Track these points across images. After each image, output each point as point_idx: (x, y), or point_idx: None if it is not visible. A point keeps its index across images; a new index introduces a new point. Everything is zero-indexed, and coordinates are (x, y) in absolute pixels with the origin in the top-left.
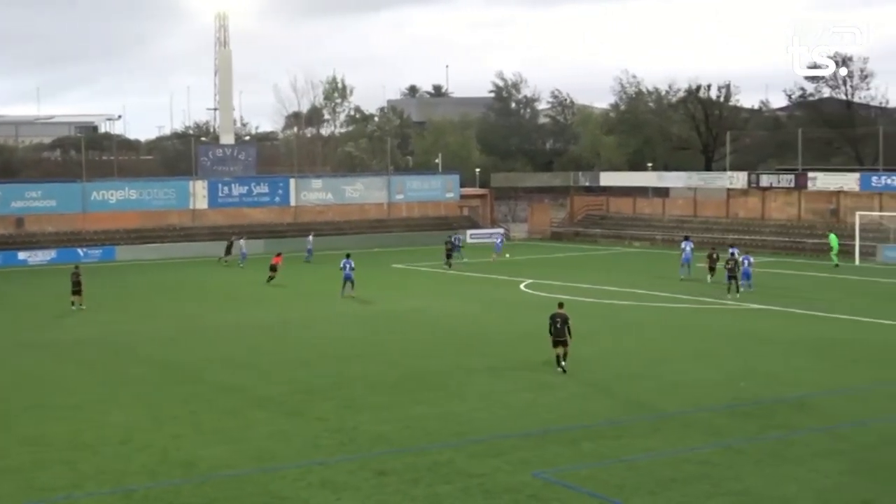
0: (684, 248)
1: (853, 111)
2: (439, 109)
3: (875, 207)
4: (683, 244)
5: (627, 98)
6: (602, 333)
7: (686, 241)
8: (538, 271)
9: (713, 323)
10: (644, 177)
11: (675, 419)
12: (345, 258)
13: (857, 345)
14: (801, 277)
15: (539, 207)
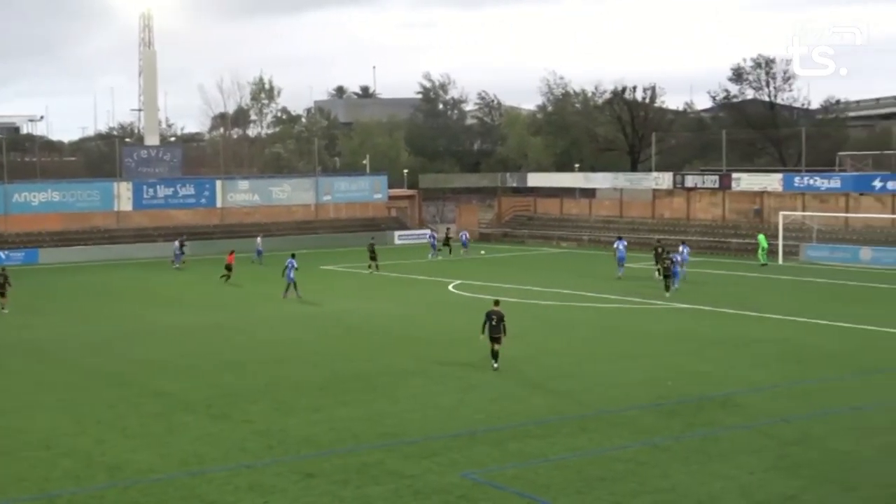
0: (617, 246)
1: (776, 113)
2: (367, 111)
3: (798, 207)
4: (616, 243)
5: (554, 99)
6: (530, 333)
7: (619, 240)
8: (466, 272)
9: (640, 323)
10: (571, 178)
11: (602, 418)
12: (289, 258)
13: (780, 343)
14: (727, 277)
15: (467, 208)
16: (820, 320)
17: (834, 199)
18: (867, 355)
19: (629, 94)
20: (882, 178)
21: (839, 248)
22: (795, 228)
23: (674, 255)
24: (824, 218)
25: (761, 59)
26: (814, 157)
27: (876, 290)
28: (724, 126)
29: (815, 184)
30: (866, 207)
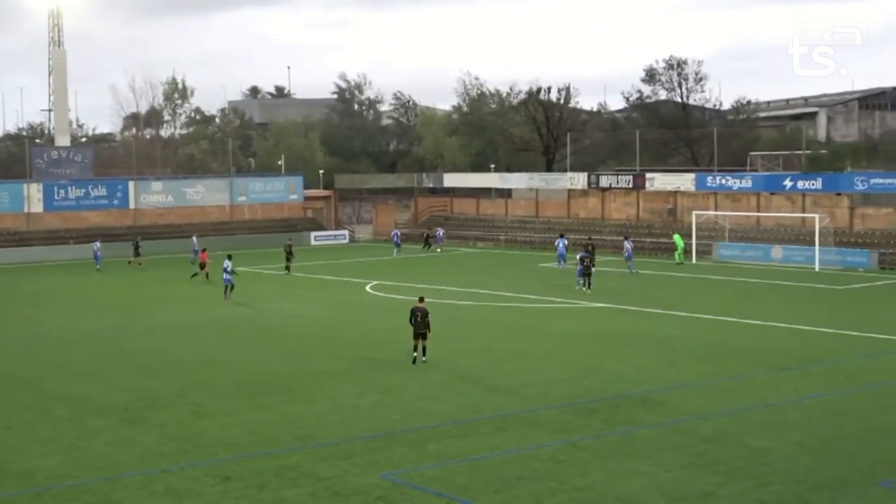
0: (558, 244)
1: (688, 113)
2: (282, 111)
3: (711, 207)
4: (558, 241)
5: (470, 100)
6: (448, 334)
7: (560, 238)
8: (384, 273)
9: (557, 322)
10: (487, 178)
11: (519, 417)
12: (226, 259)
13: (695, 341)
14: (642, 276)
15: (384, 209)
16: (733, 318)
17: (746, 198)
18: (778, 352)
19: (544, 95)
20: (792, 178)
21: (751, 246)
22: (708, 228)
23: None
24: (736, 217)
25: (673, 61)
26: (726, 157)
27: (787, 287)
28: (637, 126)
29: (727, 183)
30: (777, 206)
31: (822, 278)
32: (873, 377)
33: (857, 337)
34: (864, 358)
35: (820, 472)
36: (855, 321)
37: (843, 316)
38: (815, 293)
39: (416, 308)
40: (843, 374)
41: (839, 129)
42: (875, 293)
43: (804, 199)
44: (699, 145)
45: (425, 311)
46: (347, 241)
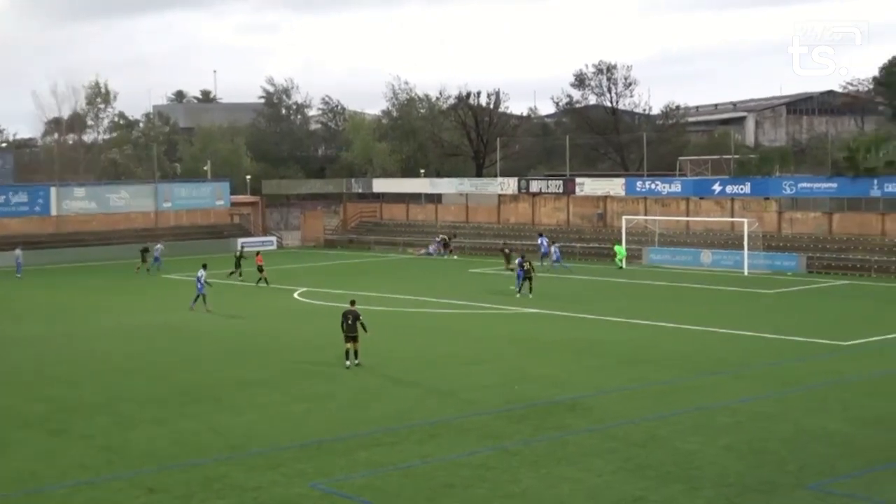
0: (541, 242)
1: (618, 118)
2: (208, 115)
3: (640, 211)
4: (540, 240)
5: (399, 105)
6: (379, 340)
7: (541, 237)
8: (312, 279)
9: (488, 327)
10: (417, 183)
11: (450, 424)
12: (200, 268)
13: (625, 345)
14: (573, 281)
15: (312, 215)
16: (664, 322)
17: (675, 203)
18: (709, 356)
19: (474, 100)
20: (721, 182)
21: (681, 251)
22: (638, 232)
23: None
24: (666, 222)
25: (603, 66)
26: (655, 161)
27: (716, 291)
28: (567, 131)
29: (656, 188)
30: (706, 211)
31: (751, 282)
32: (802, 380)
33: (786, 340)
34: (793, 361)
35: (750, 476)
36: (784, 325)
37: (773, 320)
38: (745, 297)
39: (347, 311)
40: (772, 378)
41: (767, 133)
42: (803, 297)
43: (733, 203)
44: (629, 150)
45: (356, 314)
46: (275, 247)
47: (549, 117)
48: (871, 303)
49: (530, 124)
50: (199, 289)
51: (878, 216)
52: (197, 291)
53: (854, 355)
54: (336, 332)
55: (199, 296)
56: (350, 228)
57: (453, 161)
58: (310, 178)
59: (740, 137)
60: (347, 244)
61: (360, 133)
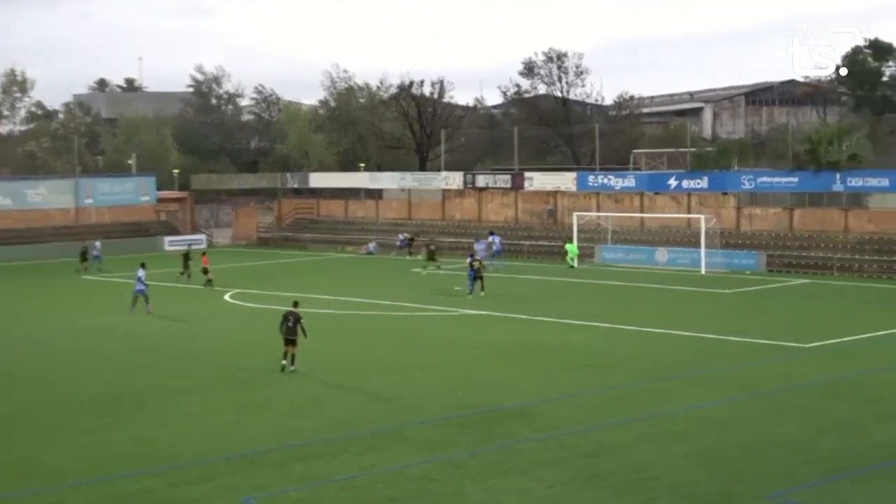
0: (493, 240)
1: (569, 109)
2: (132, 105)
3: (592, 207)
4: (491, 238)
5: (337, 94)
6: (316, 344)
7: (492, 235)
8: (245, 280)
9: (433, 330)
10: (356, 177)
11: (391, 434)
12: (139, 268)
13: (576, 348)
14: (520, 281)
15: (244, 211)
16: (616, 324)
17: (629, 198)
18: (664, 359)
19: (416, 89)
20: (677, 177)
21: (635, 249)
22: (590, 230)
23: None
24: (619, 218)
25: (553, 53)
26: (608, 155)
27: (672, 291)
28: (515, 123)
29: (609, 183)
30: (661, 207)
31: (708, 282)
32: (760, 385)
33: (744, 343)
34: (750, 365)
35: (706, 486)
36: (741, 326)
37: (730, 321)
38: (701, 297)
39: (288, 312)
40: (729, 382)
41: (725, 125)
42: (763, 296)
43: (689, 198)
44: (580, 143)
45: (298, 315)
46: (205, 245)
47: (497, 108)
48: (833, 303)
49: (476, 115)
50: (138, 289)
51: (840, 212)
52: (136, 292)
53: (815, 358)
54: (270, 336)
55: (139, 296)
56: (285, 226)
57: (395, 154)
58: (242, 173)
59: (697, 129)
60: (282, 243)
61: (296, 124)
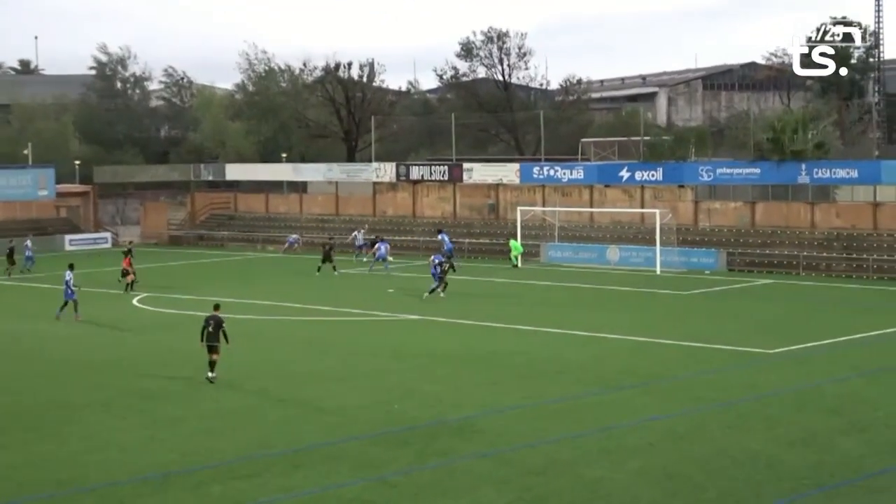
0: (442, 238)
1: (511, 94)
2: (28, 90)
3: (537, 202)
4: (440, 236)
5: (256, 77)
6: (236, 354)
7: (441, 233)
8: (154, 283)
9: (364, 337)
10: (278, 169)
11: (319, 452)
12: (67, 270)
13: (521, 357)
14: (463, 283)
15: (154, 207)
16: (564, 330)
17: (577, 191)
18: (616, 368)
19: (344, 72)
20: (629, 168)
21: (584, 247)
22: (535, 226)
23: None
24: (567, 213)
25: (493, 33)
26: (554, 144)
27: (624, 293)
28: (453, 109)
29: (555, 175)
30: (613, 201)
31: (663, 282)
32: (721, 394)
33: (704, 349)
34: (711, 373)
35: None
36: (700, 331)
37: (688, 325)
38: (657, 300)
39: (209, 317)
40: (686, 393)
41: (681, 111)
42: (723, 298)
43: (643, 192)
44: (523, 131)
45: (219, 320)
46: (110, 245)
47: (432, 92)
48: (799, 305)
49: (410, 101)
50: (67, 294)
51: (806, 206)
52: (65, 297)
53: (780, 365)
54: (185, 344)
55: (68, 302)
56: (199, 223)
57: (321, 144)
58: (151, 164)
59: (651, 116)
60: (196, 241)
61: (210, 111)
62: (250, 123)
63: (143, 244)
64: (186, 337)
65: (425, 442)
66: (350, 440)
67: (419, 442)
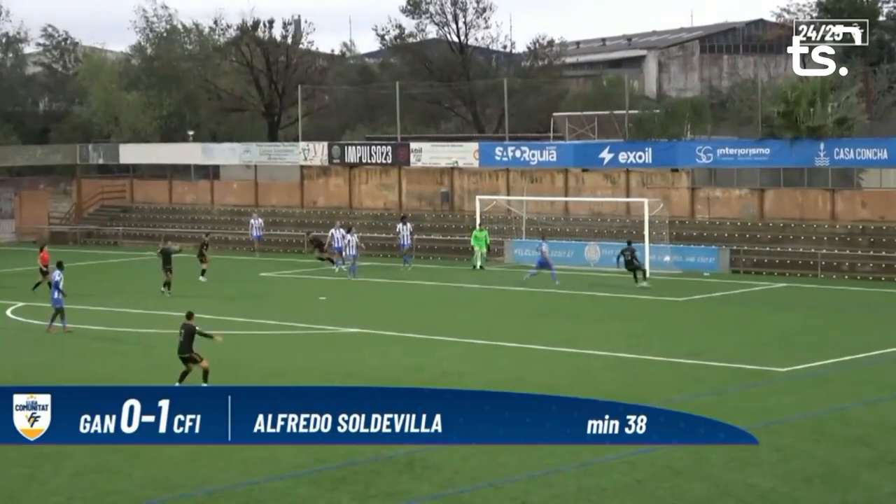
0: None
1: (468, 58)
2: None
3: (500, 190)
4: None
5: (156, 38)
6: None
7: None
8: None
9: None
10: (184, 150)
11: (236, 495)
12: (56, 269)
13: (481, 377)
14: (409, 288)
15: (31, 196)
16: (532, 345)
17: (549, 176)
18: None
19: (263, 32)
20: (612, 148)
21: (557, 244)
22: (498, 219)
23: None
24: (537, 204)
25: None
26: (520, 119)
27: (605, 300)
28: (397, 77)
29: (522, 157)
30: (592, 188)
31: (654, 287)
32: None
33: (701, 367)
34: (709, 396)
35: None
36: (698, 345)
37: (683, 338)
38: (644, 307)
39: (181, 326)
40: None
41: (674, 79)
42: (725, 306)
43: (628, 176)
44: (483, 103)
45: (191, 328)
46: None
47: (372, 56)
48: (818, 313)
49: (345, 67)
50: (55, 300)
51: (825, 194)
52: (54, 304)
53: (794, 386)
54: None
55: (59, 311)
56: (88, 216)
57: (236, 119)
58: (28, 144)
59: (637, 85)
60: (85, 238)
61: (100, 79)
62: (149, 95)
63: (20, 242)
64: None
65: (366, 481)
66: (273, 479)
67: (358, 481)
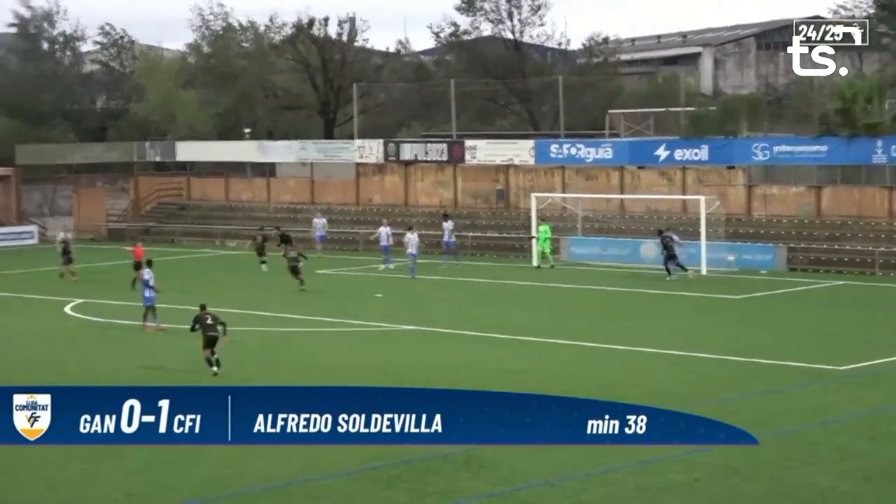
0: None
1: (524, 56)
2: None
3: (556, 187)
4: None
5: (212, 37)
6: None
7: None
8: (92, 287)
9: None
10: (240, 148)
11: (289, 493)
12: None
13: (539, 375)
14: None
15: (89, 194)
16: (588, 342)
17: (605, 174)
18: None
19: (319, 30)
20: (668, 146)
21: (613, 241)
22: (554, 216)
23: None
24: (593, 201)
25: None
26: (576, 116)
27: (661, 298)
28: (452, 75)
29: (578, 154)
30: (648, 185)
31: (710, 285)
32: (781, 420)
33: (757, 365)
34: (768, 394)
35: None
36: (755, 343)
37: (740, 336)
38: (702, 305)
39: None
40: (738, 418)
41: (730, 76)
42: (782, 303)
43: (684, 174)
44: (538, 100)
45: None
46: (36, 240)
47: (427, 54)
48: (876, 311)
49: (400, 64)
50: (148, 298)
51: (883, 191)
52: (145, 302)
53: (852, 384)
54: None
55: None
56: (145, 213)
57: (292, 117)
58: (85, 142)
59: (693, 82)
60: (142, 235)
61: (157, 78)
62: (206, 93)
63: (78, 239)
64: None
65: (421, 479)
66: (328, 477)
67: (414, 479)
